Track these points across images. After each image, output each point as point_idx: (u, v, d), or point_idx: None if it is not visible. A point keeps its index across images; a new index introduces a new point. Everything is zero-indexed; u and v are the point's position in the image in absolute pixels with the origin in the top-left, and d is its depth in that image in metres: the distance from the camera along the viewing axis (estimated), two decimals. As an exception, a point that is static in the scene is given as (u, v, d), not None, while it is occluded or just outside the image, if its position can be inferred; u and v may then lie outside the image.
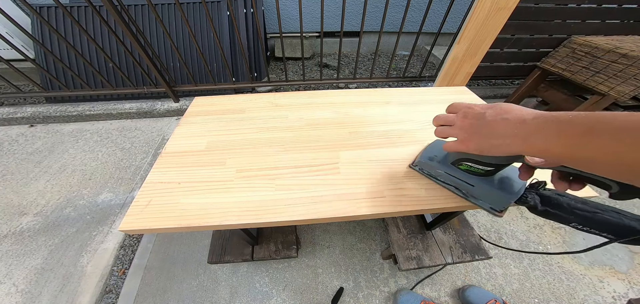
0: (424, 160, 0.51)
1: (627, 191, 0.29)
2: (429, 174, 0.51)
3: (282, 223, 0.46)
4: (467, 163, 0.43)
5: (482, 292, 0.90)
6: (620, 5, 1.57)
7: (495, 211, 0.43)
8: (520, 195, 0.40)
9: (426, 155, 0.52)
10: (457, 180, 0.47)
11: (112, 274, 1.01)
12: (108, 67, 1.73)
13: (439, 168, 0.49)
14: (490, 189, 0.43)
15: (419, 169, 0.53)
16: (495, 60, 1.82)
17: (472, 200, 0.46)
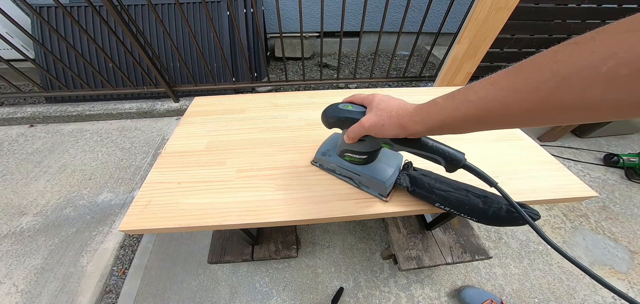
0: (319, 156, 0.52)
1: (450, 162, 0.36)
2: (327, 169, 0.53)
3: (282, 223, 0.46)
4: (348, 154, 0.46)
5: (479, 292, 0.90)
6: (620, 6, 1.57)
7: (383, 197, 0.48)
8: (398, 177, 0.47)
9: (321, 151, 0.53)
10: (348, 171, 0.49)
11: (112, 274, 1.01)
12: (108, 67, 1.73)
13: (332, 161, 0.50)
14: (373, 177, 0.46)
15: (318, 165, 0.54)
16: (495, 60, 1.82)
17: (364, 189, 0.50)
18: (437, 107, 0.28)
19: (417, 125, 0.31)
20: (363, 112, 0.37)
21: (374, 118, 0.34)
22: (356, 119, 0.37)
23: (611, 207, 1.26)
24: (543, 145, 1.53)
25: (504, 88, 0.22)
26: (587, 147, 1.61)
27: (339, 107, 0.40)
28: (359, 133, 0.37)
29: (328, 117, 0.41)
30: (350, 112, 0.38)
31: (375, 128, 0.34)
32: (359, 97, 0.39)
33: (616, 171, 1.44)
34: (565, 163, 1.49)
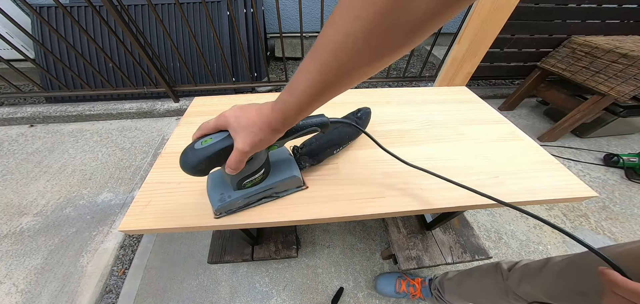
0: (219, 205, 0.42)
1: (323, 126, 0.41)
2: (236, 210, 0.45)
3: (282, 223, 0.46)
4: (246, 180, 0.42)
5: (387, 276, 0.96)
6: (620, 5, 1.57)
7: (301, 188, 0.49)
8: (298, 163, 0.48)
9: (216, 199, 0.43)
10: (258, 194, 0.45)
11: (112, 274, 1.01)
12: (108, 67, 1.73)
13: (236, 200, 0.43)
14: (283, 180, 0.45)
15: (224, 214, 0.45)
16: (495, 60, 1.82)
17: (283, 195, 0.48)
18: (287, 104, 0.29)
19: (285, 124, 0.31)
20: (227, 136, 0.33)
21: (247, 137, 0.31)
22: (227, 148, 0.33)
23: (611, 207, 1.26)
24: (543, 145, 1.53)
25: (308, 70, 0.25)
26: (587, 147, 1.61)
27: (198, 148, 0.33)
28: (241, 159, 0.33)
29: (196, 164, 0.33)
30: (216, 145, 0.33)
31: (256, 146, 0.32)
32: (207, 126, 0.34)
33: (616, 171, 1.45)
34: (565, 163, 1.49)
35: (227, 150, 0.33)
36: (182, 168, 0.34)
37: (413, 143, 0.63)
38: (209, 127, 0.34)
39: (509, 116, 1.84)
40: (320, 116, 0.40)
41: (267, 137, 0.32)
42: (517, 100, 1.91)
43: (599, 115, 1.51)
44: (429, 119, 0.71)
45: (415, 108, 0.76)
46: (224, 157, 0.34)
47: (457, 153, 0.60)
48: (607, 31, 1.68)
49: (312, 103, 0.28)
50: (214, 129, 0.34)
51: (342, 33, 0.21)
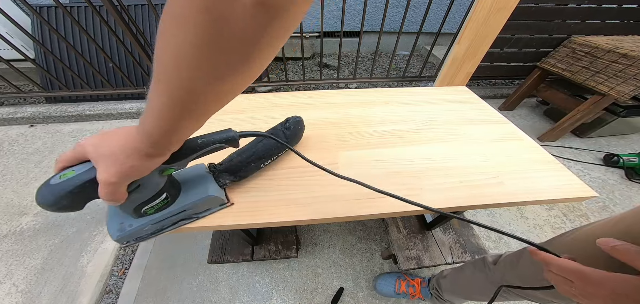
0: (120, 235, 0.38)
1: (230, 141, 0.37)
2: (144, 236, 0.41)
3: (282, 223, 0.46)
4: (144, 207, 0.38)
5: (387, 276, 0.96)
6: (620, 5, 1.57)
7: (226, 204, 0.47)
8: (217, 181, 0.46)
9: (115, 229, 0.38)
10: (169, 218, 0.41)
11: (112, 274, 1.01)
12: (108, 67, 1.73)
13: (140, 228, 0.39)
14: (199, 200, 0.42)
15: (129, 242, 0.41)
16: (496, 60, 1.82)
17: (204, 214, 0.45)
18: (149, 128, 0.26)
19: (158, 148, 0.28)
20: (92, 167, 0.29)
21: (111, 167, 0.27)
22: (92, 179, 0.29)
23: (611, 207, 1.26)
24: (543, 145, 1.53)
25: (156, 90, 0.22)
26: (587, 147, 1.61)
27: (55, 183, 0.28)
28: (112, 190, 0.28)
29: (55, 201, 0.28)
30: (78, 178, 0.29)
31: (125, 175, 0.28)
32: (65, 157, 0.30)
33: (616, 171, 1.45)
34: (566, 163, 1.49)
35: (95, 182, 0.28)
36: (41, 206, 0.29)
37: (413, 143, 0.63)
38: (66, 157, 0.29)
39: (509, 116, 1.84)
40: (226, 131, 0.37)
41: (139, 164, 0.28)
42: (517, 100, 1.91)
43: (599, 115, 1.51)
44: (429, 119, 0.71)
45: (415, 108, 0.76)
46: (93, 190, 0.29)
47: (457, 153, 0.60)
48: (607, 31, 1.68)
49: (177, 127, 0.25)
50: (74, 160, 0.29)
51: (169, 52, 0.19)
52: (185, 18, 0.17)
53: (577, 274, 0.27)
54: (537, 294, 0.45)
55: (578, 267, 0.28)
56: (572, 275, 0.28)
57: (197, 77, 0.20)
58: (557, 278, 0.30)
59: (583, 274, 0.27)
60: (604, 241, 0.27)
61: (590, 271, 0.26)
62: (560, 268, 0.29)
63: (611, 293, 0.24)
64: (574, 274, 0.28)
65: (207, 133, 0.36)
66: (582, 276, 0.27)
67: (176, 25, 0.18)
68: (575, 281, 0.28)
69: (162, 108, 0.23)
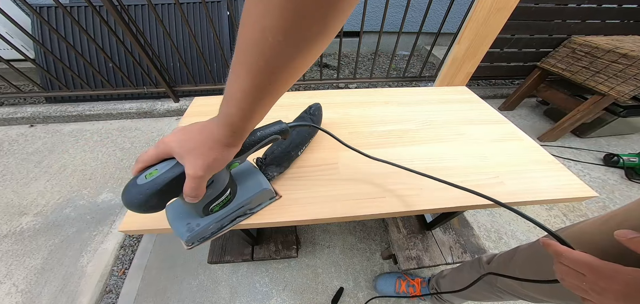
0: (189, 236, 0.38)
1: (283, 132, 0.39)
2: (209, 236, 0.41)
3: (282, 223, 0.46)
4: (212, 205, 0.38)
5: (387, 276, 0.96)
6: (620, 5, 1.57)
7: (275, 198, 0.48)
8: (265, 175, 0.47)
9: (183, 231, 0.39)
10: (230, 215, 0.42)
11: (112, 275, 1.01)
12: (108, 67, 1.73)
13: (206, 227, 0.39)
14: (253, 195, 0.43)
15: (196, 243, 0.40)
16: (495, 60, 1.82)
17: (257, 209, 0.46)
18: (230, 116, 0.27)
19: (236, 136, 0.29)
20: (176, 164, 0.30)
21: (198, 160, 0.28)
22: (178, 176, 0.29)
23: (611, 207, 1.26)
24: (543, 145, 1.53)
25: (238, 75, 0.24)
26: (587, 147, 1.61)
27: (142, 183, 0.28)
28: (198, 185, 0.30)
29: (145, 201, 0.28)
30: (164, 176, 0.29)
31: (211, 168, 0.30)
32: (147, 156, 0.30)
33: (616, 171, 1.44)
34: (566, 163, 1.49)
35: (180, 179, 0.29)
36: (128, 208, 0.29)
37: (413, 143, 0.63)
38: (149, 157, 0.30)
39: (509, 116, 1.84)
40: (278, 123, 0.39)
41: (221, 156, 0.30)
42: (517, 100, 1.91)
43: (599, 115, 1.51)
44: (429, 119, 0.71)
45: (415, 108, 0.76)
46: (177, 187, 0.30)
47: (457, 153, 0.60)
48: (607, 31, 1.68)
49: (256, 109, 0.26)
50: (156, 159, 0.30)
51: (257, 30, 0.20)
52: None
53: (589, 266, 0.26)
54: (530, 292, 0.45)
55: (591, 259, 0.27)
56: (584, 268, 0.27)
57: (281, 53, 0.21)
58: (567, 271, 0.29)
59: (595, 267, 0.26)
60: (622, 233, 0.26)
61: (603, 263, 0.26)
62: (573, 259, 0.28)
63: (624, 287, 0.23)
64: (587, 266, 0.27)
65: (262, 126, 0.37)
66: (594, 269, 0.26)
67: (261, 3, 0.19)
68: (586, 274, 0.27)
69: (245, 91, 0.24)
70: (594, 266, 0.26)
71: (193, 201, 0.32)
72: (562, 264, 0.30)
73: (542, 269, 0.42)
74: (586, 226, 0.37)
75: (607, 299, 0.25)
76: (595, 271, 0.26)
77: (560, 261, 0.30)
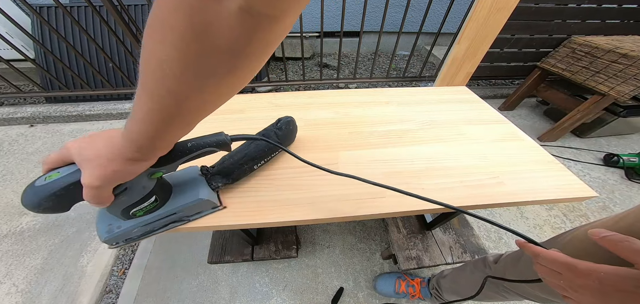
0: (108, 237, 0.38)
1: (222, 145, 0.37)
2: (133, 238, 0.41)
3: (282, 223, 0.46)
4: (133, 210, 0.37)
5: (387, 276, 0.96)
6: (620, 5, 1.57)
7: (218, 208, 0.46)
8: (208, 183, 0.45)
9: (103, 229, 0.39)
10: (159, 221, 0.41)
11: (112, 274, 1.01)
12: (108, 67, 1.73)
13: (129, 230, 0.39)
14: (192, 203, 0.42)
15: (117, 243, 0.40)
16: (496, 60, 1.82)
17: (195, 217, 0.45)
18: (134, 133, 0.25)
19: (144, 153, 0.28)
20: (77, 169, 0.29)
21: (94, 171, 0.27)
22: (77, 182, 0.29)
23: (611, 207, 1.26)
24: (543, 145, 1.53)
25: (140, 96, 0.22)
26: (587, 147, 1.61)
27: (39, 184, 0.28)
28: (96, 194, 0.28)
29: (39, 203, 0.28)
30: (64, 179, 0.29)
31: (109, 179, 0.28)
32: (51, 159, 0.30)
33: (616, 171, 1.45)
34: (566, 163, 1.49)
35: (79, 185, 0.28)
36: (25, 207, 0.29)
37: (413, 143, 0.63)
38: (53, 160, 0.29)
39: (509, 116, 1.84)
40: (217, 134, 0.37)
41: (123, 168, 0.28)
42: (517, 100, 1.91)
43: (599, 115, 1.51)
44: (429, 119, 0.71)
45: (415, 108, 0.76)
46: (78, 192, 0.29)
47: (457, 153, 0.60)
48: (607, 31, 1.68)
49: (165, 131, 0.25)
50: (60, 162, 0.29)
51: (154, 59, 0.19)
52: (168, 24, 0.17)
53: (565, 265, 0.27)
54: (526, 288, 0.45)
55: (566, 258, 0.28)
56: (560, 267, 0.28)
57: (181, 85, 0.20)
58: (546, 270, 0.30)
59: (570, 266, 0.27)
60: (595, 232, 0.27)
61: (578, 262, 0.26)
62: (548, 259, 0.29)
63: (599, 284, 0.24)
64: (562, 265, 0.28)
65: (198, 136, 0.36)
66: (570, 268, 0.27)
67: (160, 32, 0.17)
68: (563, 273, 0.28)
69: (147, 114, 0.23)
70: (570, 265, 0.27)
71: (98, 207, 0.32)
72: (540, 264, 0.31)
73: None
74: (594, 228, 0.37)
75: (583, 296, 0.26)
76: (571, 269, 0.27)
77: (538, 261, 0.31)
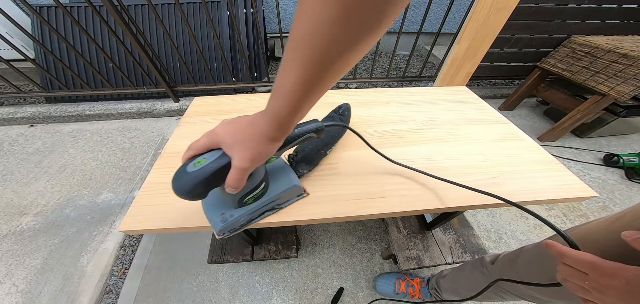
0: (222, 226, 0.40)
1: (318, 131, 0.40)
2: (239, 227, 0.43)
3: (282, 223, 0.46)
4: (247, 197, 0.40)
5: (387, 276, 0.96)
6: (620, 5, 1.57)
7: (303, 195, 0.49)
8: (296, 172, 0.47)
9: (217, 220, 0.40)
10: (261, 209, 0.43)
11: (112, 275, 1.01)
12: (108, 67, 1.73)
13: (238, 218, 0.41)
14: (285, 190, 0.44)
15: (227, 233, 0.42)
16: (495, 60, 1.82)
17: (285, 205, 0.47)
18: (278, 109, 0.27)
19: (282, 130, 0.30)
20: (222, 154, 0.31)
21: (245, 152, 0.30)
22: (224, 166, 0.31)
23: (611, 207, 1.26)
24: (543, 145, 1.53)
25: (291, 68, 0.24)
26: (587, 147, 1.61)
27: (191, 170, 0.30)
28: (242, 177, 0.31)
29: (193, 188, 0.31)
30: (212, 165, 0.31)
31: (255, 160, 0.31)
32: (197, 145, 0.32)
33: (616, 171, 1.44)
34: (566, 163, 1.49)
35: (225, 169, 0.31)
36: (177, 194, 0.31)
37: (413, 143, 0.63)
38: (199, 146, 0.32)
39: (509, 116, 1.84)
40: (314, 121, 0.41)
41: (265, 149, 0.31)
42: (517, 100, 1.91)
43: (599, 115, 1.51)
44: (429, 119, 0.71)
45: (415, 108, 0.76)
46: (221, 177, 0.31)
47: (457, 153, 0.60)
48: (607, 31, 1.68)
49: (304, 103, 0.27)
50: (205, 148, 0.32)
51: (313, 23, 0.20)
52: None
53: (592, 265, 0.27)
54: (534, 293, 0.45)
55: (593, 258, 0.27)
56: (586, 267, 0.27)
57: (334, 44, 0.21)
58: (570, 271, 0.29)
59: (597, 266, 0.26)
60: (628, 233, 0.26)
61: (605, 262, 0.26)
62: (575, 259, 0.29)
63: (626, 284, 0.24)
64: (589, 265, 0.27)
65: (300, 123, 0.37)
66: (596, 268, 0.26)
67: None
68: (589, 273, 0.27)
69: (296, 84, 0.24)
70: (596, 265, 0.27)
71: (233, 192, 0.33)
72: (565, 264, 0.30)
73: (546, 270, 0.42)
74: (592, 227, 0.37)
75: (609, 297, 0.25)
76: (597, 269, 0.26)
77: (563, 261, 0.30)
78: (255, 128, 0.30)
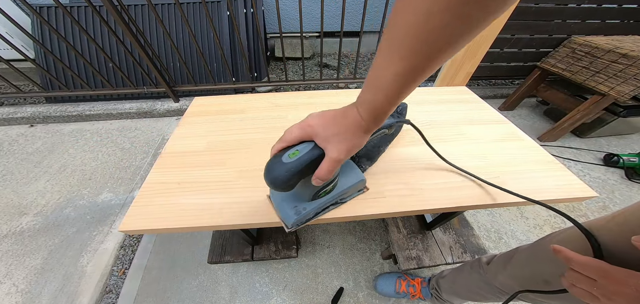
0: (295, 218, 0.40)
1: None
2: (303, 222, 0.43)
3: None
4: (322, 190, 0.40)
5: (387, 276, 0.96)
6: (620, 5, 1.57)
7: (363, 190, 0.50)
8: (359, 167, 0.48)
9: (289, 213, 0.41)
10: (327, 203, 0.44)
11: (112, 275, 1.01)
12: (108, 67, 1.73)
13: (311, 211, 0.42)
14: (351, 186, 0.45)
15: (296, 226, 0.42)
16: (495, 60, 1.82)
17: (346, 199, 0.47)
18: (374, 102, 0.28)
19: (376, 122, 0.30)
20: (314, 146, 0.32)
21: (341, 145, 0.30)
22: (317, 158, 0.31)
23: (611, 207, 1.26)
24: (543, 145, 1.53)
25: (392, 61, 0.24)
26: (587, 147, 1.61)
27: (287, 161, 0.31)
28: (334, 169, 0.31)
29: (288, 179, 0.31)
30: (306, 157, 0.31)
31: (350, 152, 0.31)
32: (291, 137, 0.32)
33: (616, 171, 1.44)
34: (566, 163, 1.49)
35: (317, 161, 0.31)
36: (271, 185, 0.31)
37: (413, 143, 0.63)
38: (293, 137, 0.32)
39: (509, 116, 1.84)
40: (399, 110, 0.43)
41: (359, 140, 0.31)
42: (517, 100, 1.91)
43: (599, 115, 1.51)
44: (429, 119, 0.71)
45: (415, 108, 0.76)
46: (312, 169, 0.32)
47: (457, 153, 0.60)
48: (607, 31, 1.68)
49: (402, 94, 0.26)
50: (298, 140, 0.32)
51: (420, 13, 0.19)
52: None
53: (601, 271, 0.26)
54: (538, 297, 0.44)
55: (602, 264, 0.27)
56: (595, 273, 0.27)
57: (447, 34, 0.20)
58: (578, 277, 0.29)
59: (606, 272, 0.26)
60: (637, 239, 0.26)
61: (614, 268, 0.26)
62: (584, 265, 0.28)
63: (635, 291, 0.23)
64: (598, 271, 0.27)
65: None
66: (605, 274, 0.26)
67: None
68: (598, 280, 0.26)
69: (397, 75, 0.24)
70: (605, 271, 0.26)
71: (319, 184, 0.33)
72: (573, 270, 0.29)
73: (539, 271, 0.42)
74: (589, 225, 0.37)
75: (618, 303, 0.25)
76: (606, 275, 0.26)
77: (571, 266, 0.30)
78: (348, 121, 0.30)
